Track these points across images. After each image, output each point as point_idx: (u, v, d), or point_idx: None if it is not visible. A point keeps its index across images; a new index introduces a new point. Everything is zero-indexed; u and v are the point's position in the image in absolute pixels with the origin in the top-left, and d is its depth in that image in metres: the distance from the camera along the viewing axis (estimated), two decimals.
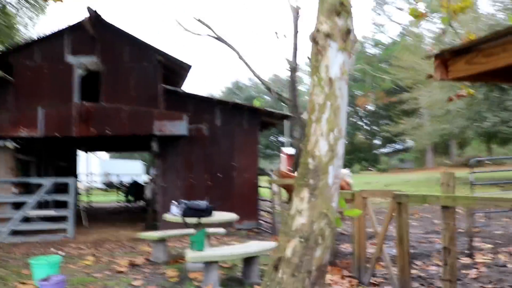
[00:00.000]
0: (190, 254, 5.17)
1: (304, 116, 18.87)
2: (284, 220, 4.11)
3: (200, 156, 11.04)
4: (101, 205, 19.95)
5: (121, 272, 6.45)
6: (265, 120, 11.83)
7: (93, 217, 13.73)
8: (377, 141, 62.73)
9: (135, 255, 7.73)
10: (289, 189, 10.10)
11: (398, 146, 56.64)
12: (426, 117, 33.06)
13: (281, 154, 48.35)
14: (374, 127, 62.18)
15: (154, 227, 10.59)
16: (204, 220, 6.07)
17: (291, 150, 47.88)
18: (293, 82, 18.58)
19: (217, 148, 11.16)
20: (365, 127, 63.47)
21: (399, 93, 33.13)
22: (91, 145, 17.42)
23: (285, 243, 3.98)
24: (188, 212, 6.09)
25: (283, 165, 45.29)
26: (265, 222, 11.91)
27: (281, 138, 66.43)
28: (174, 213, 6.43)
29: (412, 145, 44.04)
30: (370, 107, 58.58)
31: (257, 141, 11.50)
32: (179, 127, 10.18)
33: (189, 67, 11.41)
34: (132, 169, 36.59)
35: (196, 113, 11.01)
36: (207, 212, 6.14)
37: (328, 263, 4.07)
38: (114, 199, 21.14)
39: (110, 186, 32.44)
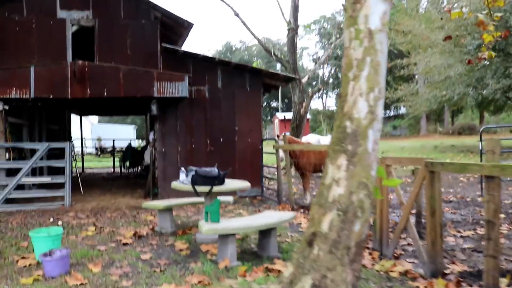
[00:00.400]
0: (206, 226, 4.72)
1: (304, 80, 18.31)
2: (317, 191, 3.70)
3: (200, 120, 10.56)
4: (95, 170, 19.46)
5: (126, 244, 6.02)
6: (268, 82, 11.31)
7: (89, 183, 13.29)
8: None
9: (139, 225, 7.31)
10: (295, 155, 9.68)
11: (391, 113, 56.44)
12: (421, 83, 32.58)
13: (274, 119, 47.98)
14: None
15: (154, 194, 10.21)
16: (216, 188, 5.63)
17: (284, 115, 47.54)
18: (292, 43, 17.87)
19: (218, 111, 10.67)
20: None
21: (395, 58, 32.51)
22: (84, 108, 16.77)
23: (320, 216, 3.57)
24: (199, 179, 5.64)
25: (276, 130, 44.97)
26: (269, 189, 11.57)
27: (273, 104, 65.94)
28: (182, 180, 5.98)
29: (405, 112, 43.77)
30: None
31: (260, 104, 11.02)
32: (180, 88, 9.62)
33: (190, 25, 10.72)
34: (124, 133, 35.98)
35: (196, 74, 10.47)
36: (219, 179, 5.69)
37: (366, 238, 3.69)
38: (108, 165, 20.67)
39: (102, 151, 31.89)
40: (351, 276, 3.43)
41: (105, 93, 9.41)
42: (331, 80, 64.69)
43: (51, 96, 9.29)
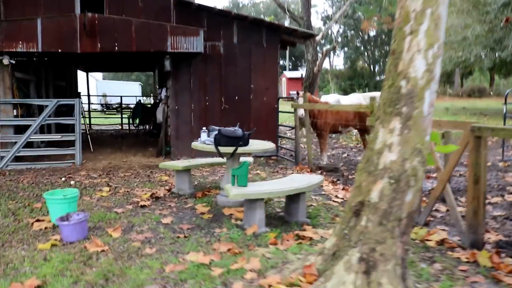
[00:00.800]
0: (234, 191, 4.40)
1: (318, 37, 17.69)
2: (366, 156, 3.35)
3: (215, 77, 10.12)
4: (102, 128, 19.12)
5: (144, 206, 5.72)
6: (286, 38, 10.77)
7: (98, 141, 12.98)
8: (378, 68, 61.22)
9: (155, 186, 7.01)
10: (313, 115, 9.30)
11: None
12: None
13: (282, 78, 47.24)
14: (376, 53, 60.53)
15: (167, 153, 9.91)
16: (240, 149, 5.28)
17: (292, 74, 46.78)
18: None
19: (234, 68, 10.21)
20: (367, 52, 61.74)
21: None
22: (91, 64, 16.26)
23: (369, 184, 3.22)
24: (222, 140, 5.29)
25: (284, 89, 44.34)
26: (283, 148, 11.24)
27: (280, 62, 64.90)
28: (204, 140, 5.64)
29: None
30: (372, 32, 56.55)
31: (277, 62, 10.55)
32: (194, 44, 9.13)
33: None
34: (130, 90, 35.44)
35: (211, 29, 9.93)
36: (243, 140, 5.34)
37: (417, 209, 3.37)
38: (115, 122, 20.32)
39: (108, 107, 31.48)
40: (401, 250, 3.13)
41: (116, 48, 8.94)
42: (339, 39, 63.34)
43: (59, 50, 8.83)
